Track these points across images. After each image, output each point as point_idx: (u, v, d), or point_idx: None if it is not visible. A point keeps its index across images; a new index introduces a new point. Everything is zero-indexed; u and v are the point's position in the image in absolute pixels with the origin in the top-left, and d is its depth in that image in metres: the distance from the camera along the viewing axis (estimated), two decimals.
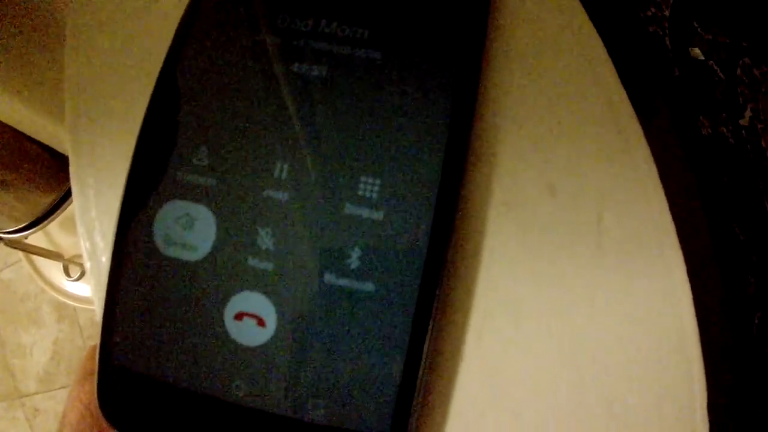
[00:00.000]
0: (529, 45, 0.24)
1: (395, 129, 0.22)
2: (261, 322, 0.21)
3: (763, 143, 0.33)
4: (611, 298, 0.22)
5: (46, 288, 1.02)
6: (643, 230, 0.22)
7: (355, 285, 0.21)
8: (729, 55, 0.33)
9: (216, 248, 0.22)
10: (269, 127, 0.22)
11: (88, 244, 0.27)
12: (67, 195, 0.64)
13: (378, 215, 0.21)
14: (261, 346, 0.21)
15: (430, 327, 0.21)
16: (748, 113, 0.33)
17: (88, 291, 1.02)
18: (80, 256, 1.02)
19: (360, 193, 0.21)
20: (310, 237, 0.21)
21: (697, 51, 0.33)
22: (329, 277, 0.21)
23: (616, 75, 0.23)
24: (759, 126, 0.33)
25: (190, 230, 0.22)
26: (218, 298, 0.22)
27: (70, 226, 0.91)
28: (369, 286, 0.21)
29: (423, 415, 0.22)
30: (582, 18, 0.24)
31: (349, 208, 0.21)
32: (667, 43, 0.33)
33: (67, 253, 0.95)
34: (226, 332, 0.22)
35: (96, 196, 0.27)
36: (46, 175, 0.65)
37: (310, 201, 0.21)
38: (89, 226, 0.27)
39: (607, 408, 0.21)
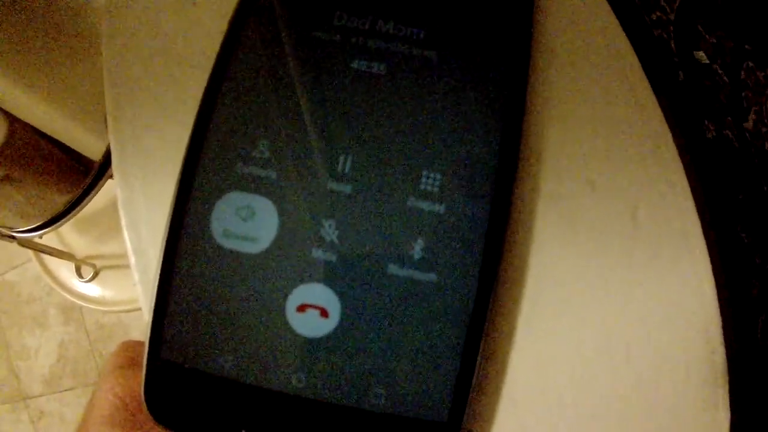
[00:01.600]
0: (569, 50, 0.25)
1: (452, 125, 0.22)
2: (324, 314, 0.22)
3: (767, 146, 0.33)
4: (643, 286, 0.23)
5: (56, 287, 1.02)
6: (673, 221, 0.24)
7: (418, 275, 0.21)
8: (733, 59, 0.34)
9: (278, 240, 0.22)
10: (330, 121, 0.23)
11: (133, 236, 0.27)
12: (83, 195, 0.64)
13: (439, 208, 0.22)
14: (324, 337, 0.22)
15: (488, 317, 0.21)
16: (752, 116, 0.33)
17: (97, 291, 1.02)
18: (92, 257, 1.03)
19: (422, 186, 0.22)
20: (373, 229, 0.22)
21: (701, 54, 0.34)
22: (393, 268, 0.21)
23: (647, 80, 0.25)
24: (763, 129, 0.34)
25: (251, 222, 0.22)
26: (280, 290, 0.22)
27: (83, 227, 0.91)
28: (432, 276, 0.21)
29: (477, 401, 0.22)
30: (615, 26, 0.26)
31: (412, 201, 0.22)
32: (672, 46, 0.34)
33: (79, 254, 0.95)
34: (288, 324, 0.22)
35: (142, 186, 0.27)
36: (62, 174, 0.65)
37: (374, 194, 0.22)
38: (134, 218, 0.27)
39: (638, 392, 0.23)
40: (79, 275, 0.98)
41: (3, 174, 0.59)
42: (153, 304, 0.22)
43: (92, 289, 1.01)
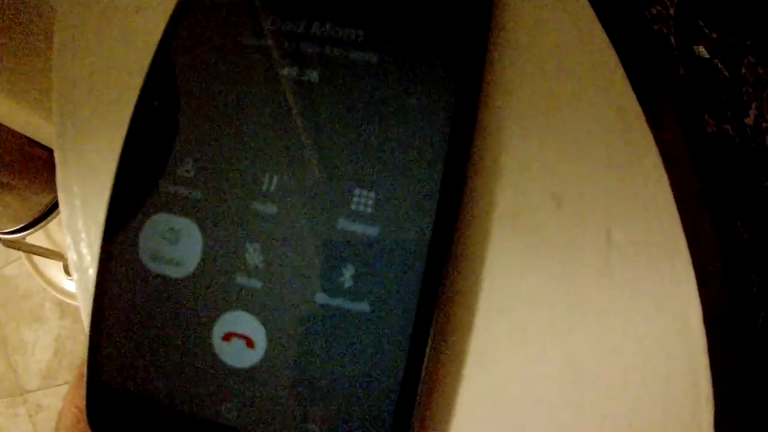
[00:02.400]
0: (535, 47, 0.23)
1: (391, 138, 0.20)
2: (250, 343, 0.20)
3: (767, 141, 0.33)
4: (619, 317, 0.21)
5: (47, 287, 1.01)
6: (654, 246, 0.21)
7: (349, 305, 0.20)
8: (734, 54, 0.33)
9: (203, 264, 0.21)
10: (257, 136, 0.21)
11: (74, 256, 0.26)
12: None
13: (373, 231, 0.20)
14: (250, 368, 0.20)
15: (428, 349, 0.20)
16: (752, 111, 0.33)
17: None
18: None
19: (354, 206, 0.20)
20: (300, 254, 0.20)
21: (702, 50, 0.33)
22: (321, 297, 0.20)
23: (627, 80, 0.22)
24: (763, 124, 0.33)
25: (175, 245, 0.21)
26: (206, 317, 0.21)
27: None
28: (364, 306, 0.20)
29: None
30: (591, 19, 0.23)
31: (342, 223, 0.20)
32: (672, 41, 0.33)
33: (67, 251, 0.95)
34: (214, 353, 0.21)
35: (82, 205, 0.26)
36: (46, 174, 0.65)
37: (301, 215, 0.20)
38: (76, 237, 0.26)
39: (610, 428, 0.20)
40: (67, 273, 0.98)
41: None
42: (89, 326, 0.22)
43: None
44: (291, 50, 0.22)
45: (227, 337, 0.20)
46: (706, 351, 0.20)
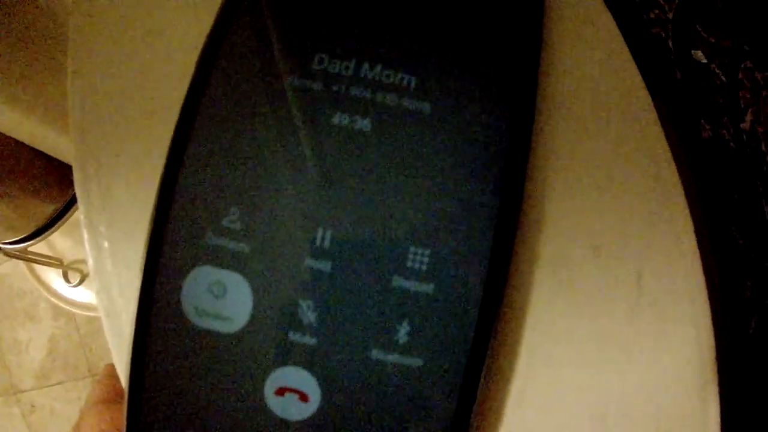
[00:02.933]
0: (579, 106, 0.23)
1: (445, 194, 0.20)
2: (304, 398, 0.20)
3: (763, 147, 0.33)
4: (643, 355, 0.22)
5: (44, 293, 1.00)
6: (678, 287, 0.22)
7: (403, 360, 0.20)
8: (731, 59, 0.33)
9: (253, 320, 0.21)
10: (308, 186, 0.21)
11: (105, 299, 0.25)
12: (69, 204, 0.62)
13: (427, 288, 0.20)
14: (304, 421, 0.20)
15: (476, 399, 0.20)
16: (749, 117, 0.33)
17: (86, 296, 1.01)
18: (80, 261, 1.01)
19: (408, 264, 0.20)
20: (355, 310, 0.20)
21: (699, 54, 0.33)
22: (376, 353, 0.20)
23: (663, 136, 0.23)
24: (760, 130, 0.33)
25: (222, 299, 0.21)
26: (258, 373, 0.20)
27: (70, 232, 0.89)
28: (417, 361, 0.20)
29: None
30: (635, 77, 0.23)
31: (397, 281, 0.20)
32: (670, 45, 0.33)
33: (66, 258, 0.94)
34: (266, 407, 0.20)
35: (111, 246, 0.25)
36: (47, 184, 0.64)
37: (355, 273, 0.20)
38: (105, 280, 0.25)
39: None
40: (67, 280, 0.97)
41: None
42: (128, 379, 0.21)
43: (81, 294, 1.00)
44: (341, 94, 0.21)
45: (280, 391, 0.20)
46: (717, 385, 0.22)
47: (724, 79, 0.33)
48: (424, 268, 0.20)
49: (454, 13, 0.22)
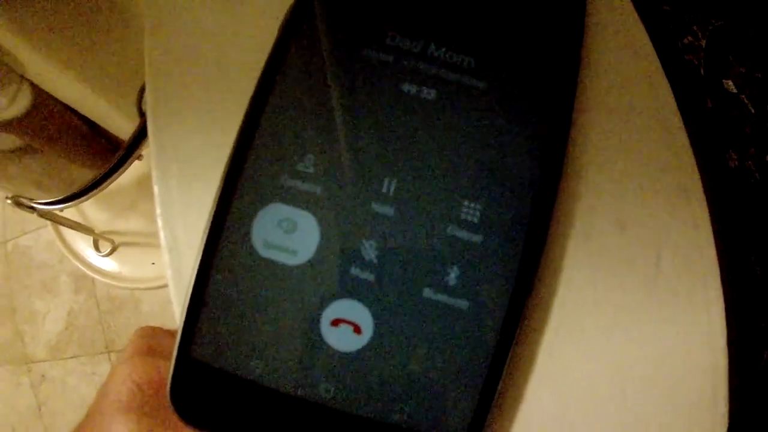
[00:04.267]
0: (612, 93, 0.26)
1: (495, 159, 0.23)
2: (357, 330, 0.22)
3: None
4: (658, 328, 0.24)
5: (71, 257, 1.03)
6: (693, 270, 0.25)
7: (451, 301, 0.22)
8: (761, 90, 0.34)
9: (318, 255, 0.23)
10: (377, 142, 0.23)
11: (168, 234, 0.27)
12: (109, 173, 0.65)
13: (477, 238, 0.22)
14: (355, 352, 0.22)
15: (512, 346, 0.22)
16: None
17: (113, 266, 1.02)
18: (111, 232, 1.03)
19: (462, 216, 0.22)
20: (412, 252, 0.22)
21: (730, 83, 0.34)
22: (428, 292, 0.22)
23: (683, 126, 0.26)
24: None
25: (291, 234, 0.23)
26: (316, 303, 0.23)
27: (103, 201, 0.91)
28: (464, 303, 0.22)
29: (493, 422, 0.23)
30: (658, 73, 0.26)
31: (452, 229, 0.22)
32: (702, 73, 0.34)
33: (98, 227, 0.96)
34: (321, 336, 0.22)
35: (180, 186, 0.27)
36: (87, 150, 0.66)
37: (415, 218, 0.22)
38: (170, 216, 0.27)
39: (644, 426, 0.24)
40: (97, 249, 0.99)
41: (24, 144, 0.59)
42: (187, 304, 0.23)
43: (107, 263, 1.02)
44: (411, 67, 0.24)
45: (336, 322, 0.22)
46: (727, 368, 0.24)
47: (752, 110, 0.35)
48: (475, 220, 0.22)
49: (511, 8, 0.25)
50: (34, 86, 0.55)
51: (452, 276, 0.22)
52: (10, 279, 1.23)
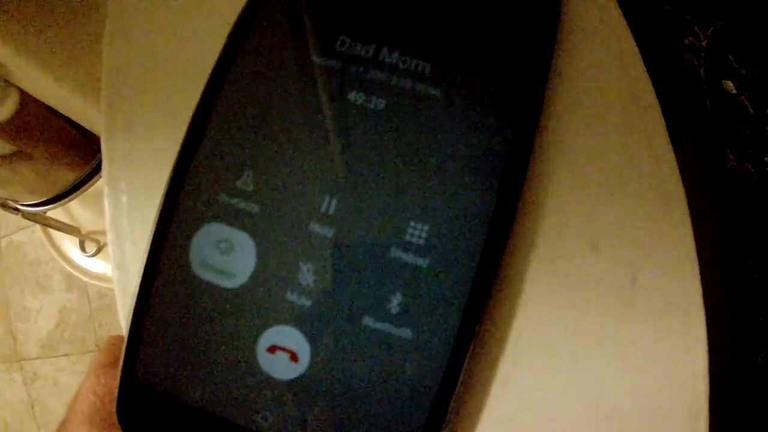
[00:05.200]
0: (586, 99, 0.24)
1: (448, 174, 0.21)
2: (294, 357, 0.21)
3: None
4: (634, 356, 0.22)
5: (58, 259, 1.02)
6: (673, 295, 0.23)
7: (393, 330, 0.21)
8: (760, 92, 0.33)
9: (254, 278, 0.21)
10: (320, 157, 0.22)
11: (117, 251, 0.27)
12: (92, 173, 0.64)
13: (423, 262, 0.21)
14: (291, 381, 0.21)
15: (461, 377, 0.21)
16: None
17: (99, 267, 1.02)
18: (97, 232, 1.03)
19: (407, 237, 0.21)
20: (352, 277, 0.21)
21: (730, 84, 0.33)
22: (368, 320, 0.21)
23: (668, 137, 0.24)
24: None
25: (228, 256, 0.22)
26: (252, 329, 0.21)
27: (90, 202, 0.91)
28: (407, 333, 0.21)
29: None
30: (642, 76, 0.24)
31: (395, 252, 0.21)
32: (702, 74, 0.33)
33: (84, 227, 0.95)
34: (257, 363, 0.21)
35: (129, 202, 0.27)
36: (72, 151, 0.65)
37: (356, 240, 0.21)
38: (120, 234, 0.27)
39: None
40: (83, 249, 0.98)
41: (14, 149, 0.59)
42: (129, 325, 0.22)
43: (95, 264, 1.02)
44: (359, 75, 0.22)
45: (272, 349, 0.21)
46: (707, 396, 0.22)
47: (752, 111, 0.34)
48: (421, 242, 0.21)
49: (472, 7, 0.23)
50: (19, 90, 0.54)
51: (395, 303, 0.21)
52: (4, 276, 1.22)
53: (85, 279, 1.03)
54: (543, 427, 0.22)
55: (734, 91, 0.34)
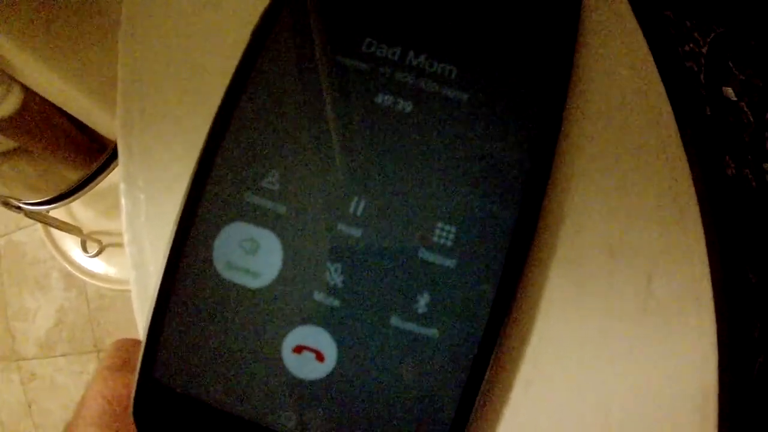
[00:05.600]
0: (604, 108, 0.25)
1: (475, 178, 0.21)
2: (320, 357, 0.21)
3: None
4: (647, 356, 0.23)
5: (60, 260, 1.02)
6: (685, 297, 0.23)
7: (420, 330, 0.21)
8: (761, 98, 0.33)
9: (281, 278, 0.21)
10: (347, 158, 0.22)
11: (135, 251, 0.26)
12: (95, 174, 0.64)
13: (450, 263, 0.21)
14: (317, 381, 0.21)
15: (485, 377, 0.21)
16: None
17: (100, 267, 1.02)
18: (99, 232, 1.02)
19: (435, 239, 0.21)
20: (379, 278, 0.21)
21: (729, 91, 0.33)
22: (395, 320, 0.21)
23: (681, 142, 0.24)
24: None
25: (253, 256, 0.22)
26: (278, 329, 0.21)
27: (91, 201, 0.90)
28: (433, 333, 0.21)
29: None
30: (655, 81, 0.24)
31: (423, 254, 0.21)
32: (702, 79, 0.33)
33: (86, 227, 0.95)
34: (282, 363, 0.21)
35: (147, 200, 0.27)
36: (75, 150, 0.65)
37: (384, 241, 0.21)
38: (137, 232, 0.26)
39: None
40: (84, 250, 0.98)
41: (16, 146, 0.59)
42: (148, 324, 0.22)
43: (96, 265, 1.01)
44: (386, 77, 0.22)
45: (298, 349, 0.21)
46: (717, 399, 0.22)
47: (751, 118, 0.34)
48: (449, 243, 0.21)
49: (498, 13, 0.23)
50: (23, 87, 0.54)
51: (422, 303, 0.21)
52: (2, 275, 1.22)
53: (86, 279, 1.02)
54: (562, 425, 0.23)
55: (734, 98, 0.34)
